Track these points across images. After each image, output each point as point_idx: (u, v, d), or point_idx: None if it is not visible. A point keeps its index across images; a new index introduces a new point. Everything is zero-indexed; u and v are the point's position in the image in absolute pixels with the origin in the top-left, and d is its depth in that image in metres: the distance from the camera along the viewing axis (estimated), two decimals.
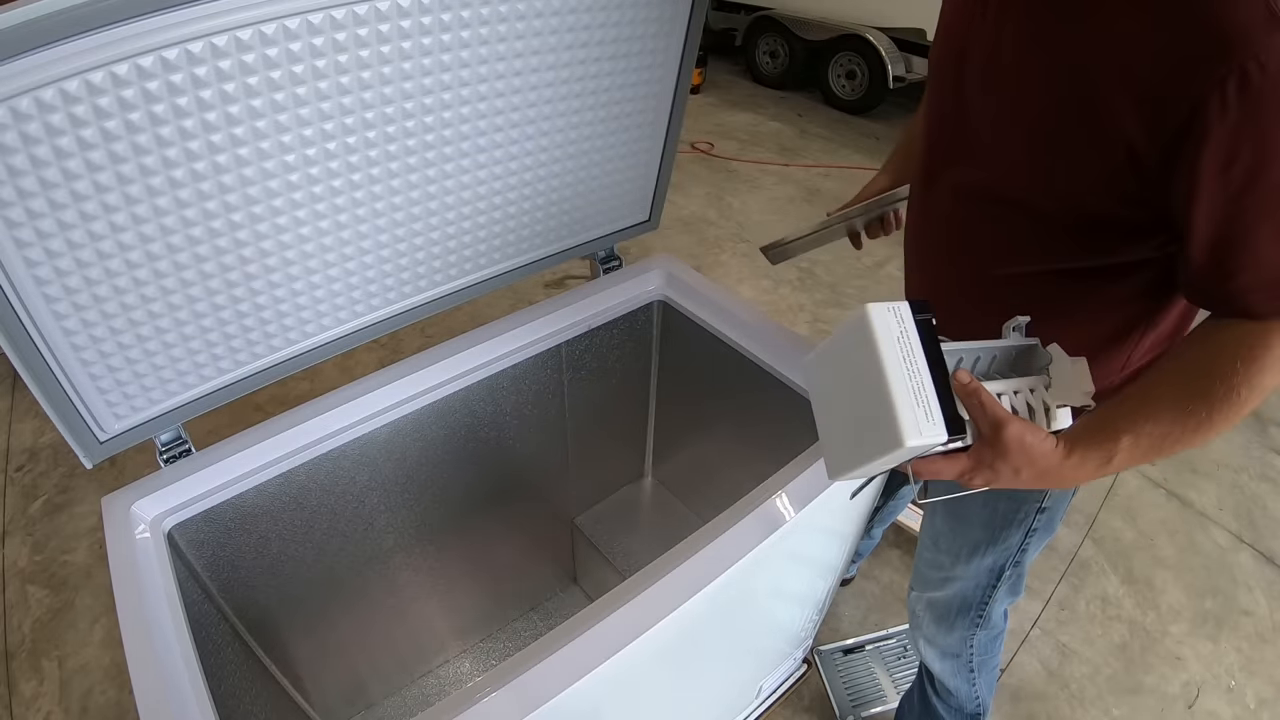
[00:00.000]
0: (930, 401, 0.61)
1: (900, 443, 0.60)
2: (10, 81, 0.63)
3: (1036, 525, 0.98)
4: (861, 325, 0.63)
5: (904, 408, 0.60)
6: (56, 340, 0.81)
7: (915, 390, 0.61)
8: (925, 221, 0.93)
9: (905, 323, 0.62)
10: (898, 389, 0.60)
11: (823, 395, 0.73)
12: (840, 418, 0.70)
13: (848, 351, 0.66)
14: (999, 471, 0.66)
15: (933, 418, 0.61)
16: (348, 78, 0.83)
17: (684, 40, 1.14)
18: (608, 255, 1.39)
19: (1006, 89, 0.72)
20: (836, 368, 0.69)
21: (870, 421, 0.63)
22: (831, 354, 0.70)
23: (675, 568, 0.82)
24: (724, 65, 5.41)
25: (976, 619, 1.13)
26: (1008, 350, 0.73)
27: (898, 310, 0.63)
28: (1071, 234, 0.74)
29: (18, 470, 2.18)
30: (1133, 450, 0.65)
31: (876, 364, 0.61)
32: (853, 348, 0.64)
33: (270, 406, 1.87)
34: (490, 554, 1.53)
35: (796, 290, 3.02)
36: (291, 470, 1.04)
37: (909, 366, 0.61)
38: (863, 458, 0.66)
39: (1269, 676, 1.73)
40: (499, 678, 0.72)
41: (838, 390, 0.70)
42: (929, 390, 0.61)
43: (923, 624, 1.23)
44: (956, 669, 1.23)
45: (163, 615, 0.81)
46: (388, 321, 1.12)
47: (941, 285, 0.91)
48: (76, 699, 1.62)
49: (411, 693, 1.53)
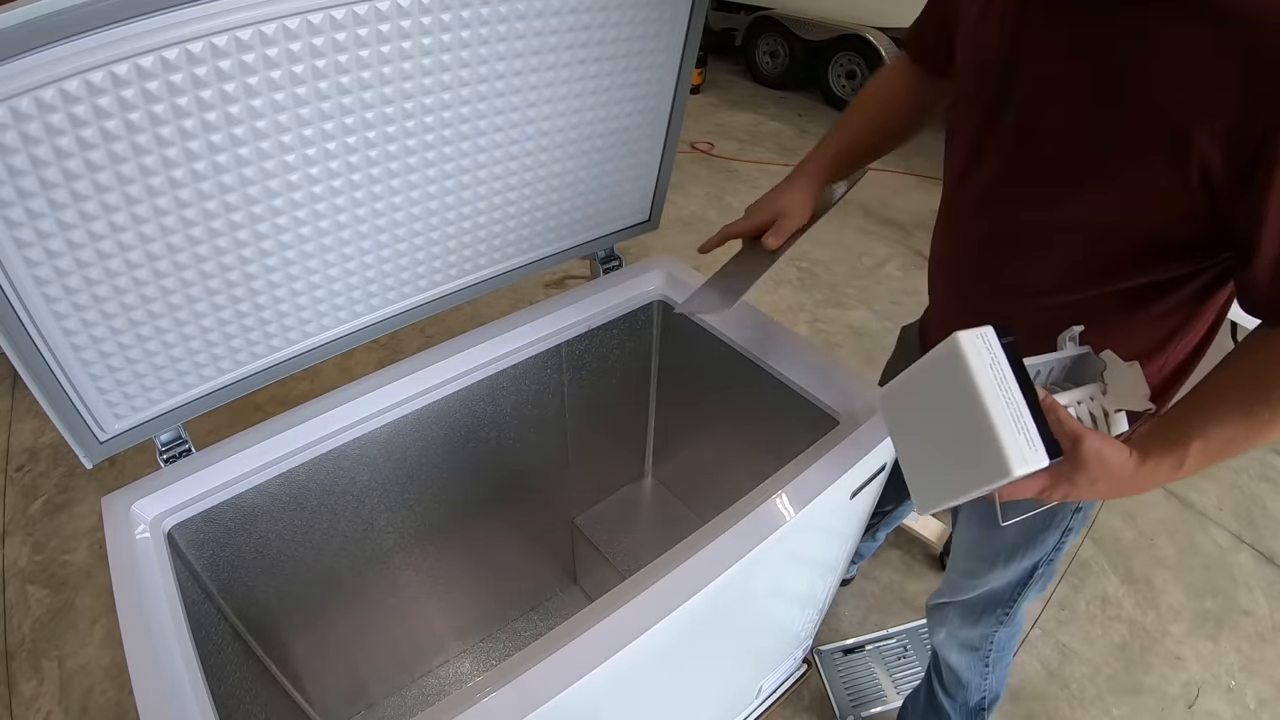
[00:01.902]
0: (1029, 427, 0.61)
1: (1009, 473, 0.59)
2: (10, 81, 0.63)
3: (1072, 524, 0.99)
4: (953, 356, 0.62)
5: (1007, 438, 0.59)
6: (56, 340, 0.81)
7: (1014, 418, 0.60)
8: (961, 252, 0.91)
9: (994, 349, 0.62)
10: (999, 419, 0.59)
11: (907, 427, 0.71)
12: (931, 450, 0.68)
13: (938, 383, 0.65)
14: (1077, 484, 0.67)
15: (1034, 444, 0.60)
16: (348, 78, 0.83)
17: (684, 40, 1.14)
18: (608, 255, 1.39)
19: (1076, 112, 0.71)
20: (924, 399, 0.68)
21: (970, 453, 0.62)
22: (917, 385, 0.68)
23: (675, 568, 0.82)
24: (724, 65, 5.41)
25: (1003, 616, 1.15)
26: (1063, 361, 0.73)
27: (985, 336, 0.62)
28: (1128, 256, 0.74)
29: (18, 470, 2.18)
30: (1201, 455, 0.66)
31: (974, 395, 0.60)
32: (944, 379, 0.63)
33: (270, 406, 1.87)
34: (490, 554, 1.53)
35: (796, 290, 3.02)
36: (291, 470, 1.04)
37: (1004, 393, 0.61)
38: (962, 489, 0.65)
39: (1269, 676, 1.73)
40: (499, 678, 0.72)
41: (927, 422, 0.68)
42: (1026, 416, 0.61)
43: (948, 619, 1.24)
44: (972, 662, 1.24)
45: (163, 615, 0.81)
46: (388, 321, 1.12)
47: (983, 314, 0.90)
48: (76, 699, 1.62)
49: (411, 693, 1.53)
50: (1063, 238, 0.78)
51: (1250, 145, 0.60)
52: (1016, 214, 0.81)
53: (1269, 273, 0.64)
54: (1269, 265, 0.64)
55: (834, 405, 1.09)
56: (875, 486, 1.10)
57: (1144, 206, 0.69)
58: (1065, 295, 0.80)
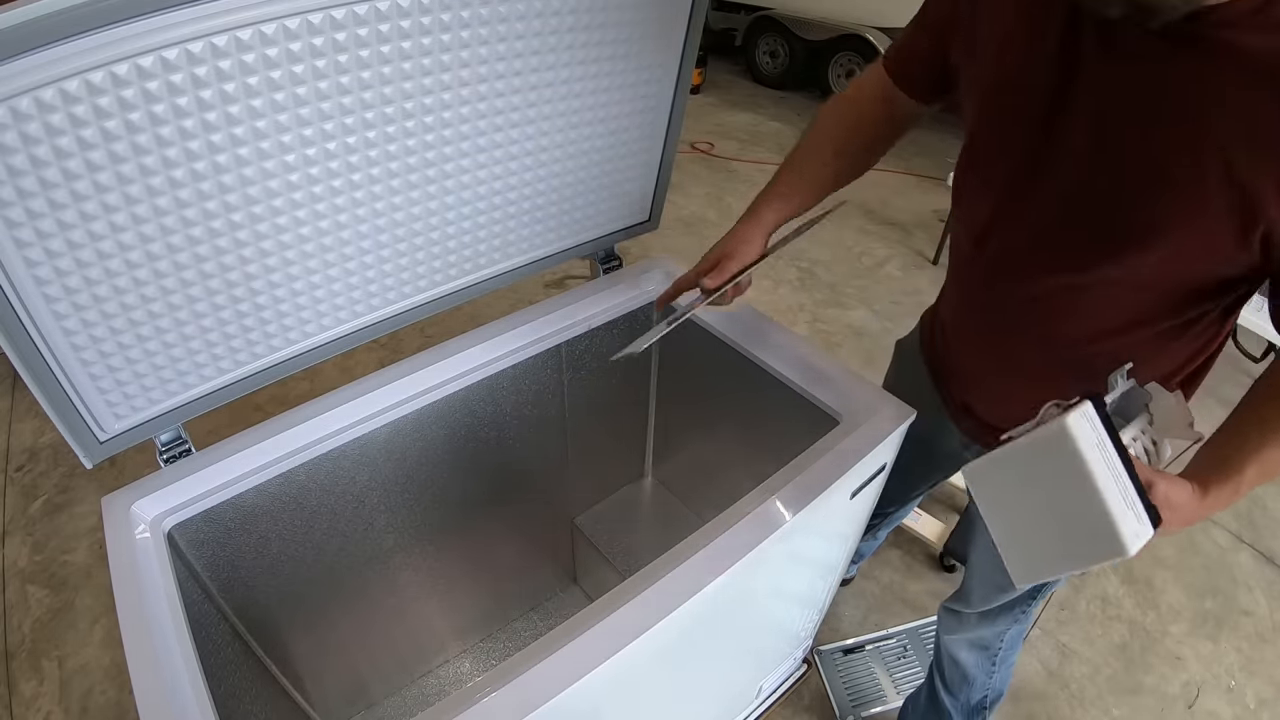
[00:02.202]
0: (1135, 501, 0.61)
1: (1125, 554, 0.59)
2: (10, 81, 0.63)
3: None
4: (1063, 440, 0.60)
5: (1121, 520, 0.59)
6: (56, 340, 0.81)
7: (1123, 496, 0.60)
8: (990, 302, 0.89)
9: (1097, 426, 0.61)
10: (1113, 503, 0.59)
11: (1004, 501, 0.70)
12: (1035, 526, 0.67)
13: (1043, 462, 0.63)
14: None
15: (1141, 519, 0.60)
16: (348, 78, 0.83)
17: (684, 40, 1.14)
18: (608, 255, 1.39)
19: (1124, 166, 0.68)
20: (1027, 477, 0.66)
21: (1082, 533, 0.62)
22: (1018, 463, 0.66)
23: (675, 568, 0.82)
24: (724, 65, 5.41)
25: (1020, 615, 1.16)
26: (1115, 400, 0.72)
27: (1087, 414, 0.61)
28: (1167, 305, 0.75)
29: (18, 470, 2.18)
30: (1256, 477, 0.67)
31: (1087, 480, 0.60)
32: (1051, 460, 0.62)
33: (270, 406, 1.87)
34: (490, 554, 1.53)
35: (796, 290, 3.02)
36: (291, 470, 1.04)
37: (1112, 471, 0.60)
38: (1070, 566, 0.65)
39: (1269, 676, 1.73)
40: (499, 678, 0.72)
41: (1030, 499, 0.67)
42: (1132, 492, 0.61)
43: (963, 624, 1.24)
44: (981, 660, 1.25)
45: (163, 615, 0.81)
46: (388, 321, 1.12)
47: (1013, 361, 0.90)
48: (76, 699, 1.62)
49: (411, 693, 1.53)
50: (1098, 297, 0.77)
51: None
52: (1048, 278, 0.79)
53: None
54: None
55: (834, 405, 1.09)
56: (875, 486, 1.10)
57: (1193, 263, 0.69)
58: (1100, 344, 0.81)
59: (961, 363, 0.99)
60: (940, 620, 1.32)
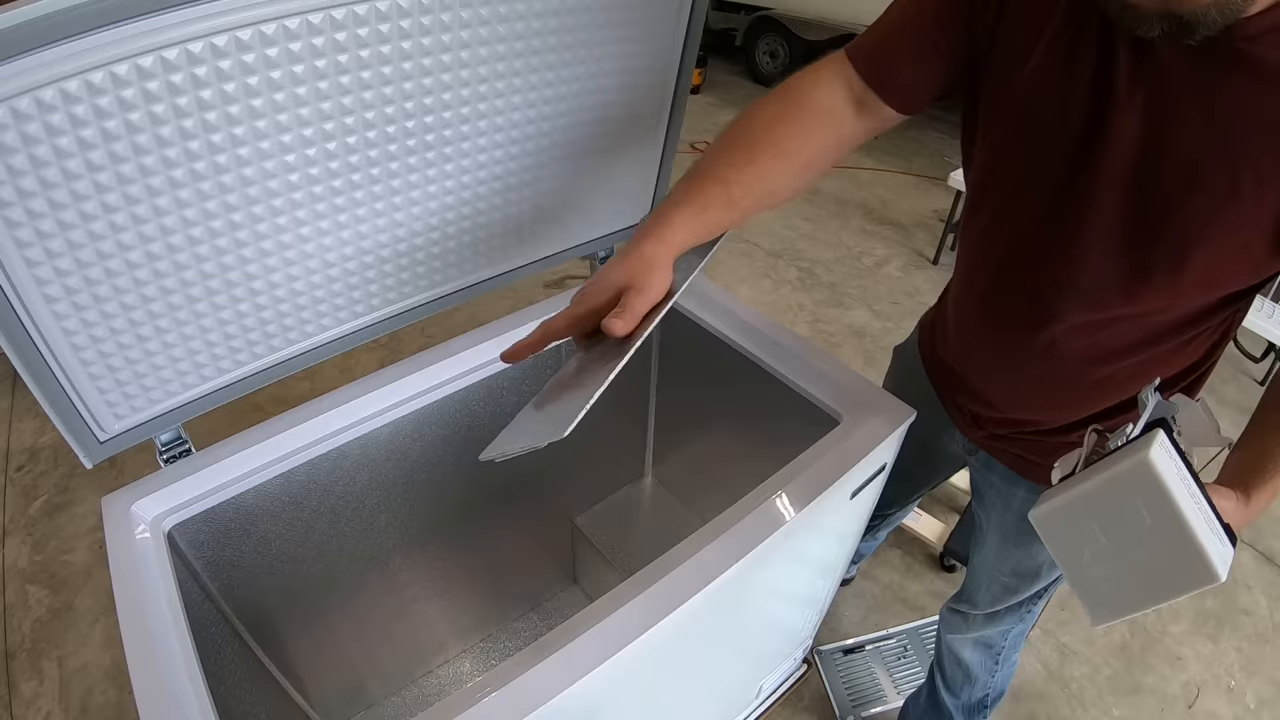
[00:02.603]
0: (1217, 527, 0.60)
1: (1217, 579, 0.59)
2: (10, 81, 0.63)
3: None
4: (1147, 475, 0.59)
5: (1209, 546, 0.59)
6: (56, 340, 0.81)
7: (1205, 521, 0.60)
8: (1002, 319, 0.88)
9: (1173, 454, 0.61)
10: (1201, 531, 0.59)
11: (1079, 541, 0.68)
12: (1113, 563, 0.66)
13: (1124, 498, 0.62)
14: None
15: (1224, 541, 0.60)
16: (348, 78, 0.83)
17: (684, 40, 1.14)
18: (608, 255, 1.39)
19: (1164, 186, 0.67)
20: (1104, 514, 0.65)
21: (1170, 566, 0.61)
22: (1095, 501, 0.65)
23: (675, 568, 0.82)
24: (724, 65, 5.41)
25: (1025, 613, 1.16)
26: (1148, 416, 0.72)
27: (1164, 445, 0.60)
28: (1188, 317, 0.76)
29: (18, 470, 2.18)
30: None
31: (1174, 511, 0.59)
32: (1133, 495, 0.61)
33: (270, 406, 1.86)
34: (490, 554, 1.53)
35: (796, 290, 3.02)
36: (291, 470, 1.04)
37: (1193, 499, 0.60)
38: (1158, 598, 0.64)
39: (1269, 676, 1.73)
40: (499, 678, 0.72)
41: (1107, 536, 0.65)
42: (1210, 515, 0.60)
43: (968, 624, 1.24)
44: (985, 658, 1.25)
45: (163, 615, 0.81)
46: (388, 321, 1.12)
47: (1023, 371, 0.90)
48: (76, 699, 1.62)
49: (411, 693, 1.53)
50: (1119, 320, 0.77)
51: None
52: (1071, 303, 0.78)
53: None
54: None
55: (834, 405, 1.09)
56: (875, 486, 1.10)
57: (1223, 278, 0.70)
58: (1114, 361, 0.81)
59: (973, 370, 0.98)
60: (943, 620, 1.32)
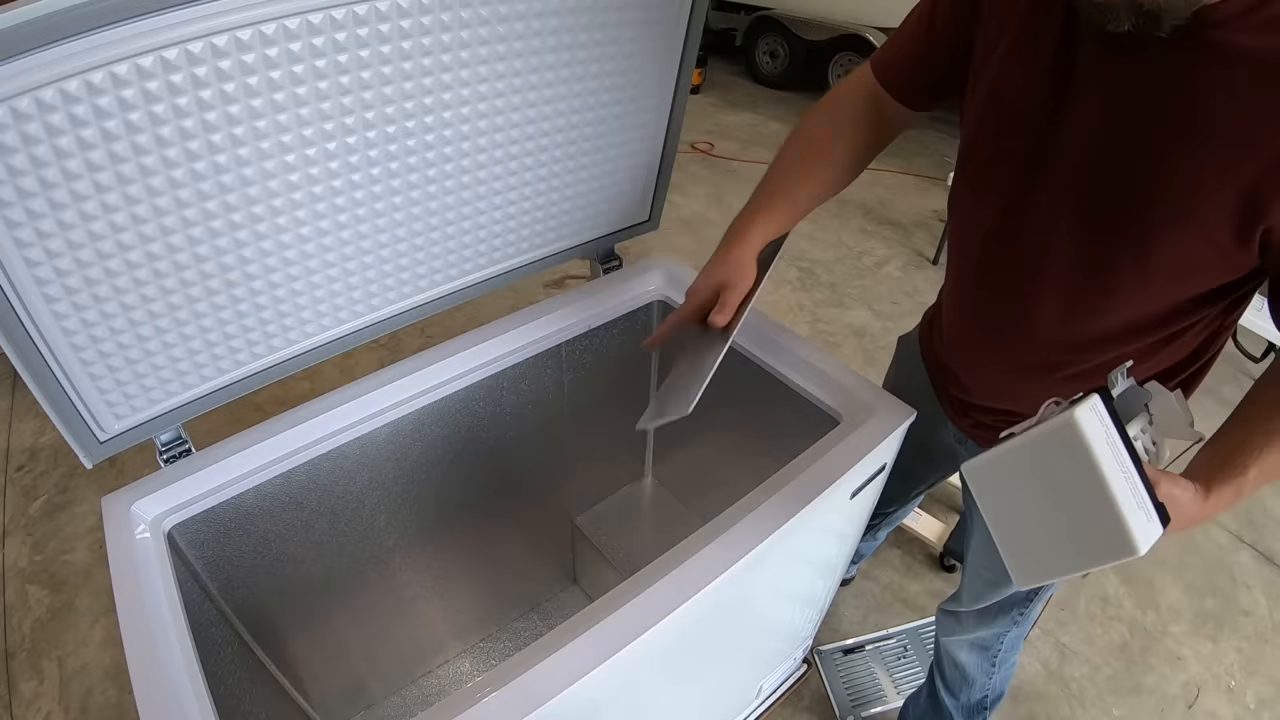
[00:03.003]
0: (1144, 499, 0.59)
1: (1135, 552, 0.57)
2: (10, 81, 0.63)
3: None
4: (1071, 434, 0.59)
5: (1132, 518, 0.57)
6: (56, 340, 0.81)
7: (1133, 494, 0.58)
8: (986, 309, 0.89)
9: (1105, 420, 0.60)
10: (1124, 501, 0.57)
11: (1006, 501, 0.68)
12: (1037, 525, 0.65)
13: (1050, 459, 0.62)
14: None
15: (1151, 517, 0.59)
16: (348, 78, 0.83)
17: (684, 40, 1.14)
18: (608, 255, 1.39)
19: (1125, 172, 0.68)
20: (1031, 474, 0.64)
21: (1090, 533, 0.60)
22: (1022, 460, 0.65)
23: (675, 568, 0.82)
24: (724, 65, 5.41)
25: (1018, 616, 1.15)
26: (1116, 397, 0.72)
27: (1096, 408, 0.59)
28: (1168, 307, 0.75)
29: (18, 470, 2.18)
30: (1258, 479, 0.66)
31: (1096, 474, 0.58)
32: (1058, 456, 0.60)
33: (270, 406, 1.86)
34: (490, 554, 1.53)
35: (796, 290, 3.02)
36: (291, 470, 1.04)
37: (1121, 467, 0.58)
38: (1076, 565, 0.63)
39: (1269, 676, 1.73)
40: (499, 678, 0.72)
41: (1033, 497, 0.65)
42: (1141, 489, 0.59)
43: (961, 625, 1.24)
44: (981, 660, 1.25)
45: (163, 615, 0.81)
46: (388, 321, 1.12)
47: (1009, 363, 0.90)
48: (76, 699, 1.62)
49: (411, 693, 1.53)
50: (1094, 306, 0.77)
51: None
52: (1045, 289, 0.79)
53: None
54: None
55: (834, 405, 1.09)
56: (875, 486, 1.10)
57: (1192, 267, 0.69)
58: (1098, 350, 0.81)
59: (959, 362, 0.99)
60: (939, 623, 1.32)
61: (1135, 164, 0.67)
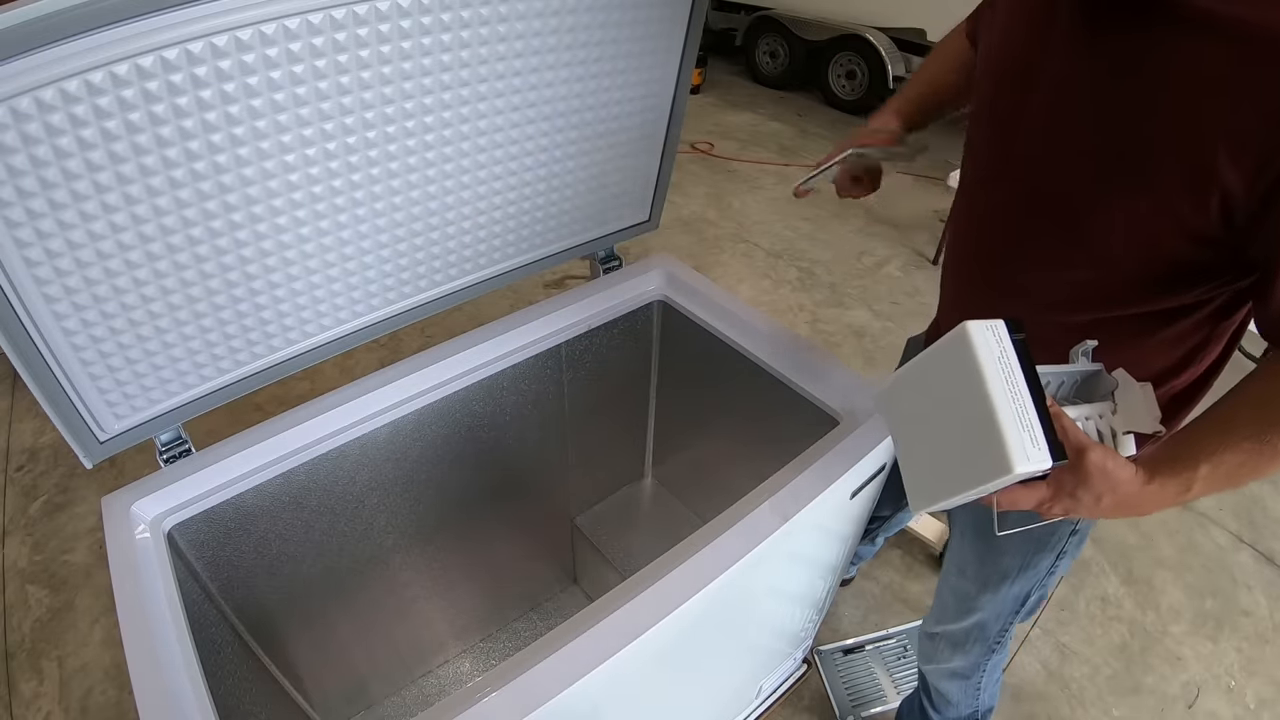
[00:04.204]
0: (1034, 426, 0.58)
1: (1009, 469, 0.57)
2: (10, 81, 0.63)
3: (1067, 548, 0.97)
4: (961, 345, 0.59)
5: (1010, 432, 0.57)
6: (56, 340, 0.81)
7: (1019, 414, 0.58)
8: (974, 255, 0.90)
9: (1004, 342, 0.60)
10: (1004, 414, 0.57)
11: (907, 422, 0.69)
12: (931, 445, 0.66)
13: (943, 373, 0.62)
14: (1080, 500, 0.65)
15: (1038, 443, 0.58)
16: (347, 78, 0.83)
17: (684, 40, 1.14)
18: (608, 255, 1.39)
19: (1087, 134, 0.69)
20: (927, 391, 0.65)
21: (971, 448, 0.60)
22: (920, 377, 0.66)
23: (675, 568, 0.82)
24: (724, 65, 5.41)
25: (994, 645, 1.14)
26: (1073, 375, 0.71)
27: (995, 329, 0.60)
28: (1135, 279, 0.74)
29: (18, 470, 2.18)
30: (1210, 479, 0.64)
31: (979, 386, 0.58)
32: (949, 369, 0.61)
33: (270, 406, 1.87)
34: (490, 554, 1.53)
35: (796, 290, 3.02)
36: (291, 470, 1.04)
37: (1011, 389, 0.58)
38: (959, 487, 0.62)
39: (1269, 676, 1.73)
40: (499, 678, 0.72)
41: (928, 416, 0.65)
42: (1032, 414, 0.58)
43: (938, 652, 1.22)
44: (964, 688, 1.23)
45: (163, 615, 0.81)
46: (388, 321, 1.12)
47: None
48: (76, 699, 1.62)
49: (411, 693, 1.53)
50: (1067, 256, 0.77)
51: (1271, 171, 0.58)
52: (1023, 227, 0.80)
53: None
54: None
55: (834, 405, 1.09)
56: (875, 486, 1.09)
57: (1153, 230, 0.68)
58: (1075, 315, 0.80)
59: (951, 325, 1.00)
60: (919, 649, 1.30)
61: (1091, 129, 0.69)
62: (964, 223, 0.92)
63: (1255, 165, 0.59)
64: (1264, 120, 0.58)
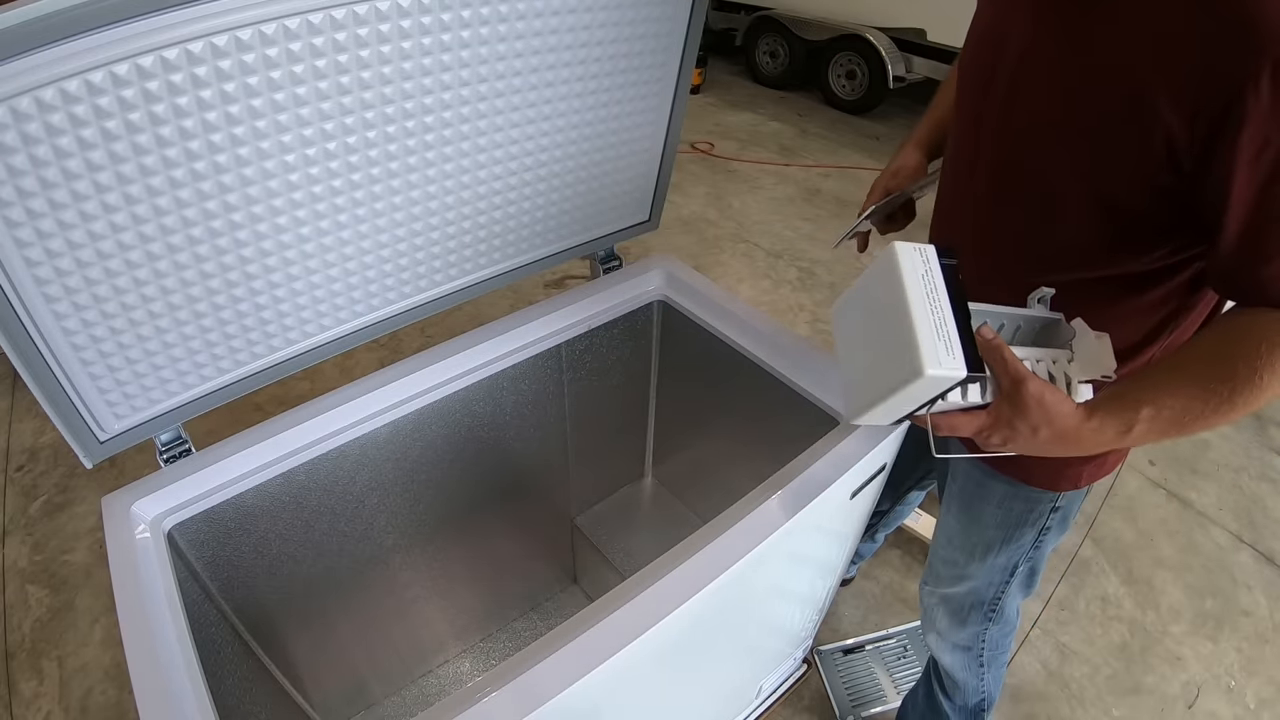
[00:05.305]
0: (951, 336, 0.62)
1: (920, 371, 0.60)
2: (10, 81, 0.63)
3: (1050, 524, 0.98)
4: (888, 260, 0.64)
5: (925, 337, 0.61)
6: (56, 340, 0.81)
7: (937, 325, 0.62)
8: (954, 218, 0.93)
9: (930, 262, 0.64)
10: (919, 319, 0.61)
11: (847, 338, 0.74)
12: (862, 356, 0.71)
13: (873, 289, 0.68)
14: (1017, 430, 0.67)
15: (953, 352, 0.61)
16: (348, 78, 0.83)
17: (684, 40, 1.14)
18: (608, 255, 1.39)
19: (1043, 86, 0.72)
20: (862, 307, 0.71)
21: (891, 354, 0.64)
22: (858, 295, 0.71)
23: (675, 568, 0.82)
24: (724, 65, 5.41)
25: (990, 614, 1.14)
26: (1032, 321, 0.74)
27: (924, 251, 0.65)
28: (1099, 238, 0.74)
29: (18, 470, 2.18)
30: (1152, 423, 0.65)
31: (900, 296, 0.62)
32: (878, 284, 0.66)
33: (270, 406, 1.87)
34: (490, 554, 1.53)
35: (796, 290, 3.02)
36: (291, 470, 1.04)
37: (932, 302, 0.63)
38: (882, 392, 0.66)
39: (1269, 676, 1.73)
40: (499, 678, 0.72)
41: (862, 329, 0.71)
42: (950, 326, 0.62)
43: (936, 619, 1.23)
44: (967, 662, 1.24)
45: (163, 615, 0.81)
46: (388, 321, 1.13)
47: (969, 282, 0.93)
48: (76, 699, 1.62)
49: (411, 693, 1.53)
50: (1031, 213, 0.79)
51: (1212, 114, 0.59)
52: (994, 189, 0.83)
53: (1233, 241, 0.63)
54: (1233, 234, 0.62)
55: (834, 405, 1.09)
56: (875, 486, 1.09)
57: (1108, 174, 0.69)
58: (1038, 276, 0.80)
59: None
60: (921, 609, 1.31)
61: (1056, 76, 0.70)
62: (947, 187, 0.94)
63: (1190, 113, 0.60)
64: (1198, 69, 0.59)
